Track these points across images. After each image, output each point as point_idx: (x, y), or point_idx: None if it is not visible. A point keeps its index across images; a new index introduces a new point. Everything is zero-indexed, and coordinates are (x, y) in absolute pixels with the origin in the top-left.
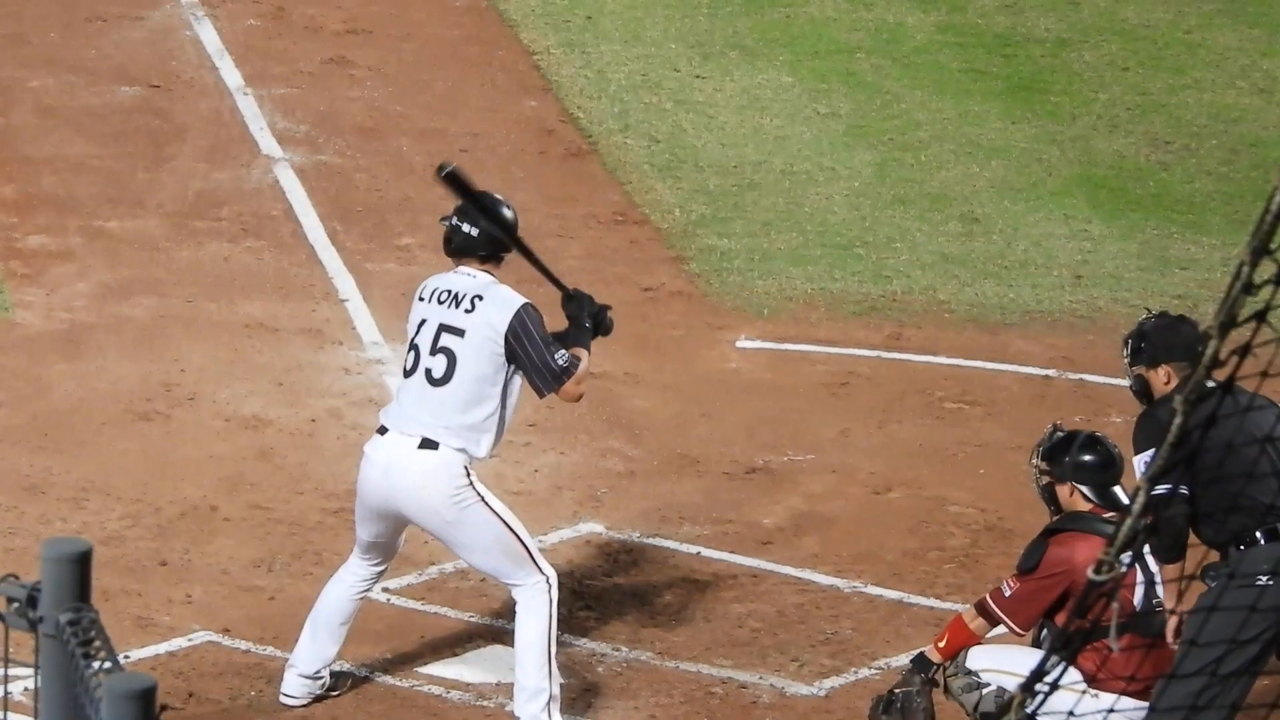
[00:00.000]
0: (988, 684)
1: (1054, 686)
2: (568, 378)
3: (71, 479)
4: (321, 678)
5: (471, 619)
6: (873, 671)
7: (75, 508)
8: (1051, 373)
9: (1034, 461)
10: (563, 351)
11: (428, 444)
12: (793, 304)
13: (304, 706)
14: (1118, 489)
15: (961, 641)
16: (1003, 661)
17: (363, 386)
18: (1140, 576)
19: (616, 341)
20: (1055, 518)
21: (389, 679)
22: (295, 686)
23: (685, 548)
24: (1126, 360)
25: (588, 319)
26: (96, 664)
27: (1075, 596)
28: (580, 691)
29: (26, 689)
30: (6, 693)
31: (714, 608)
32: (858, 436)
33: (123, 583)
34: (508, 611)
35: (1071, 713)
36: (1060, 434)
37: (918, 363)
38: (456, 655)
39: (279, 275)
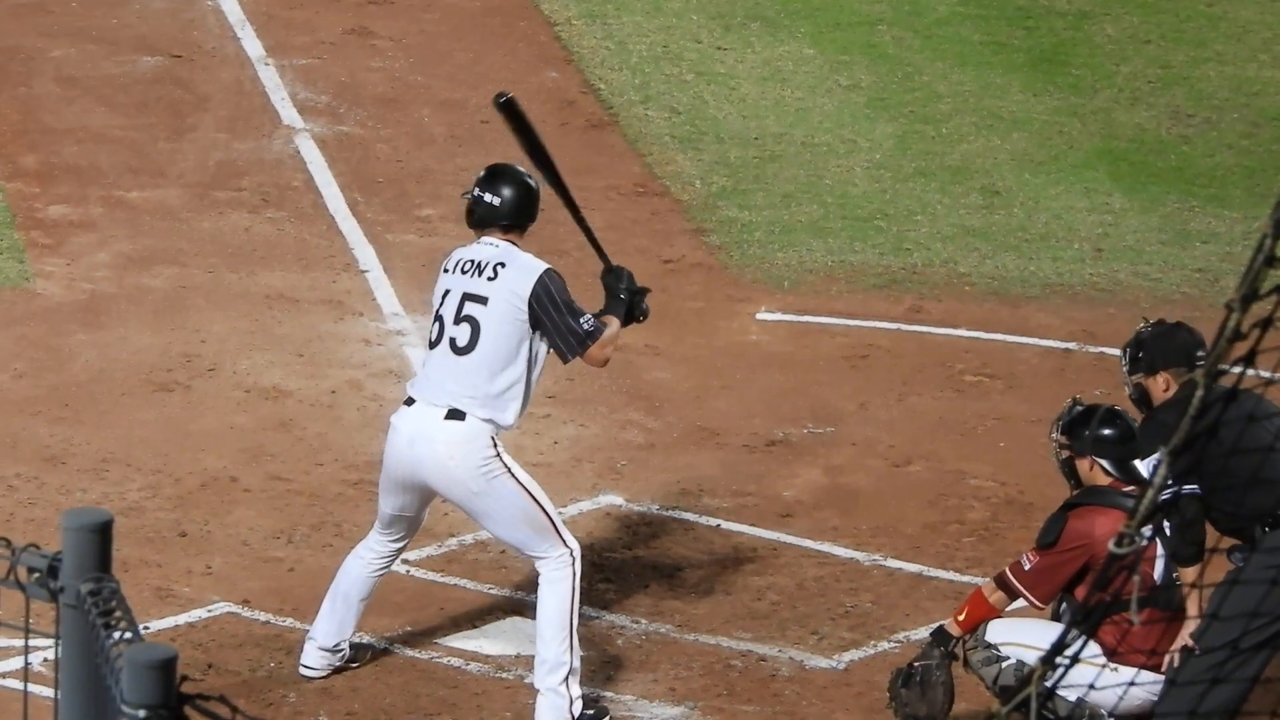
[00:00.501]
0: (1007, 658)
1: (1074, 660)
2: (592, 341)
3: (92, 449)
4: (341, 650)
5: (491, 591)
6: (892, 645)
7: (95, 478)
8: (1072, 346)
9: (1054, 436)
10: (587, 315)
11: (454, 414)
12: (813, 276)
13: (323, 678)
14: (1138, 462)
15: (981, 615)
16: (1023, 635)
17: (383, 358)
18: (1160, 550)
19: None
20: (1075, 492)
21: (408, 651)
22: (315, 658)
23: (705, 520)
24: (1125, 369)
25: (624, 292)
26: (117, 634)
27: (1095, 570)
28: (600, 664)
29: (46, 659)
30: (27, 663)
31: (733, 580)
32: (877, 409)
33: (142, 553)
34: (527, 584)
35: (1092, 685)
36: (1080, 408)
37: (938, 335)
38: (476, 627)
39: (300, 246)
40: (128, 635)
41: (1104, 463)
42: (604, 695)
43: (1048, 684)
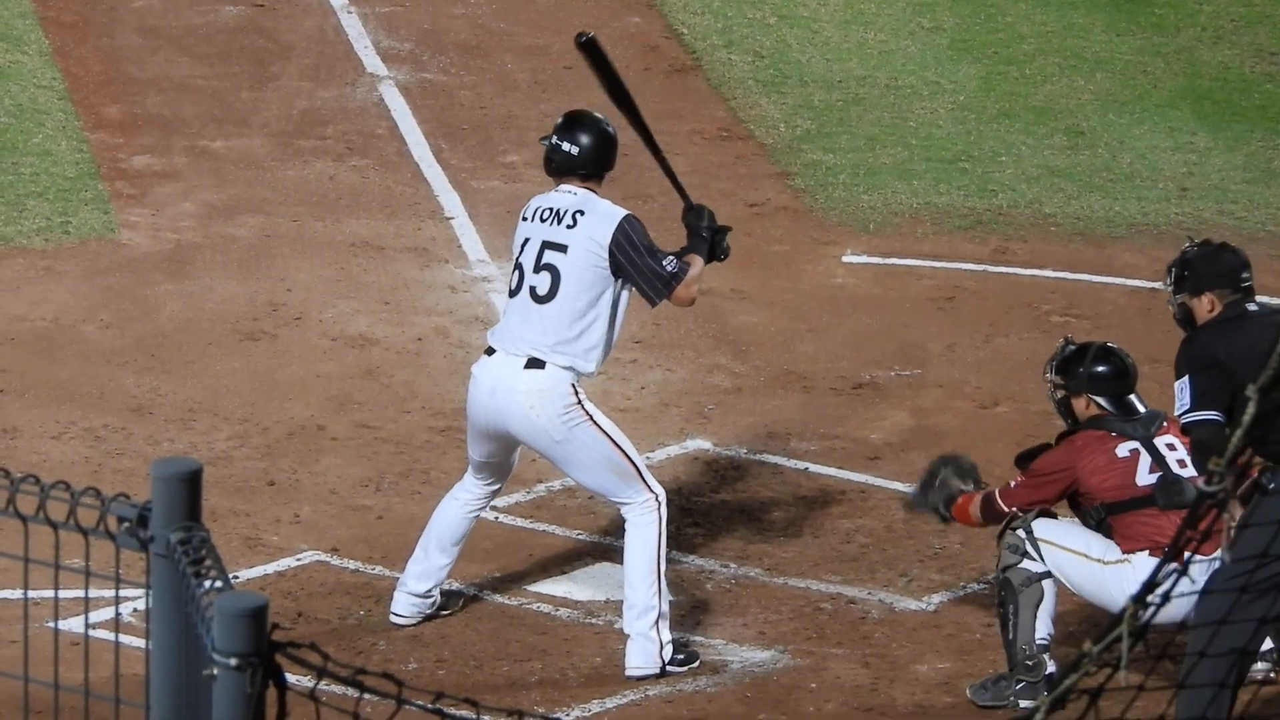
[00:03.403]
0: (1033, 558)
1: (1166, 598)
2: (677, 282)
3: (179, 399)
4: (432, 596)
5: (579, 536)
6: (981, 586)
7: (183, 428)
8: (1158, 285)
9: (1048, 376)
10: (670, 257)
11: (534, 363)
12: (898, 219)
13: (414, 625)
14: (1133, 397)
15: (961, 518)
16: (1065, 538)
17: (469, 304)
18: (1144, 456)
19: None
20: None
21: (497, 597)
22: (405, 605)
23: (792, 464)
24: (1170, 288)
25: (705, 230)
26: (208, 583)
27: (1084, 492)
28: (689, 608)
29: (136, 610)
30: (118, 613)
31: (822, 523)
32: (964, 351)
33: (230, 503)
34: (615, 529)
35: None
36: (1072, 347)
37: (1024, 276)
38: (564, 573)
39: (384, 194)
40: (218, 584)
41: (1099, 400)
42: (693, 639)
43: (1139, 623)
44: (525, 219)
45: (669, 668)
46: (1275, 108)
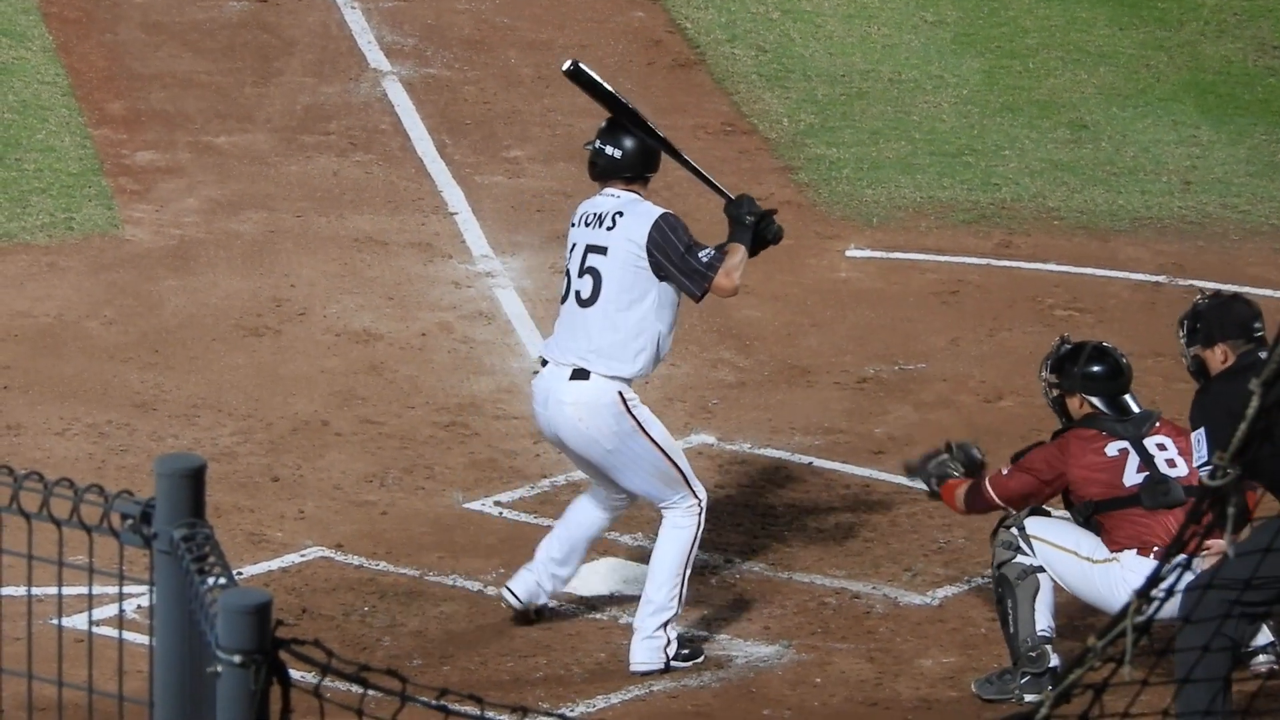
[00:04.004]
0: (1025, 553)
1: (1170, 593)
2: (714, 273)
3: (182, 395)
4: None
5: None
6: (986, 580)
7: (187, 424)
8: (1161, 279)
9: (1043, 374)
10: (708, 249)
11: (580, 374)
12: (902, 213)
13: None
14: (1127, 397)
15: (948, 501)
16: (1056, 535)
17: (473, 300)
18: (1133, 456)
19: None
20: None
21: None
22: (533, 585)
23: (797, 458)
24: (1183, 341)
25: (748, 216)
26: (211, 580)
27: (1075, 490)
28: (694, 603)
29: (140, 606)
30: (121, 610)
31: (826, 518)
32: (968, 345)
33: (235, 499)
34: (621, 524)
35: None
36: (1068, 346)
37: (1027, 270)
38: None
39: (388, 189)
40: (222, 581)
41: (1093, 399)
42: (698, 634)
43: (1140, 619)
44: (573, 225)
45: (673, 663)
46: (1278, 101)
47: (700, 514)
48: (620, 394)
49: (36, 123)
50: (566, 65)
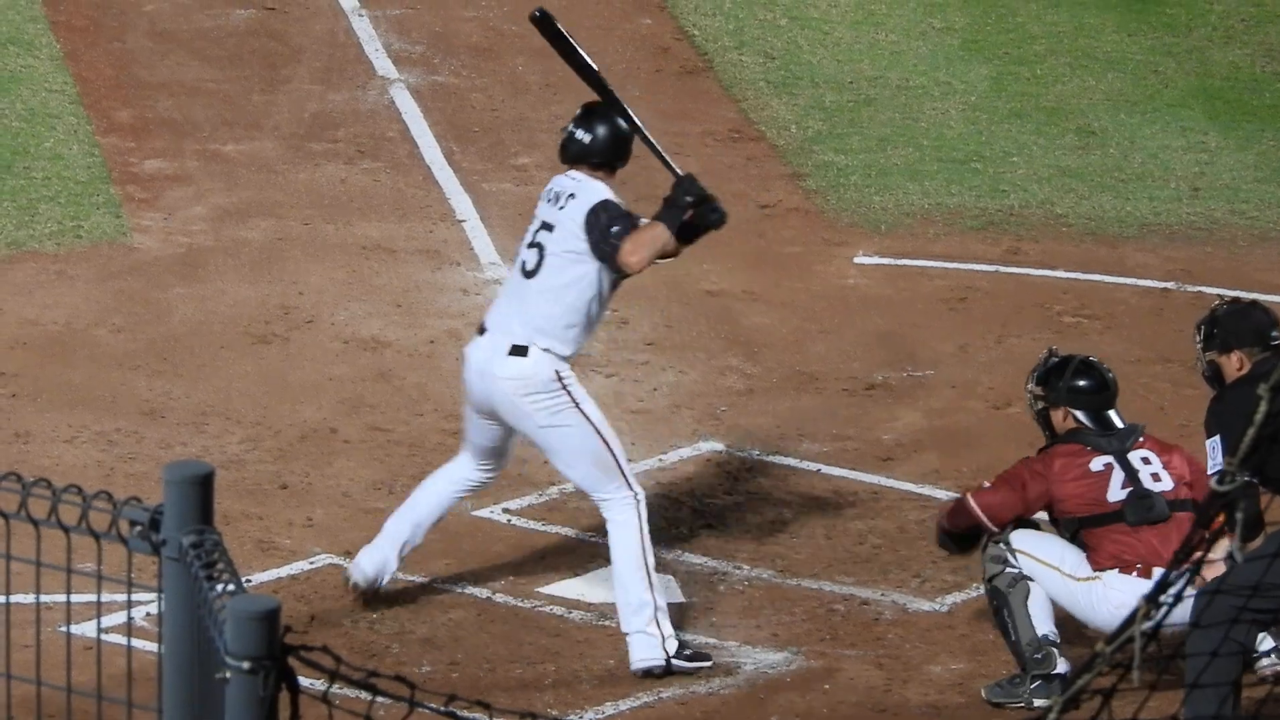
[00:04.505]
0: (1015, 566)
1: (1178, 599)
2: (619, 242)
3: (191, 403)
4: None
5: (592, 538)
6: None
7: (195, 431)
8: (1170, 285)
9: (1029, 388)
10: (623, 225)
11: (518, 350)
12: (910, 219)
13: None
14: (1112, 412)
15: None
16: (1041, 550)
17: (481, 307)
18: (1118, 472)
19: (734, 258)
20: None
21: (510, 599)
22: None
23: (805, 465)
24: (1199, 346)
25: (685, 198)
26: (220, 586)
27: (1058, 504)
28: (702, 610)
29: (149, 614)
30: (130, 617)
31: (835, 524)
32: (977, 351)
33: (243, 506)
34: None
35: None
36: (1055, 359)
37: (1036, 277)
38: (578, 575)
39: (396, 196)
40: (230, 587)
41: (1078, 413)
42: (707, 641)
43: (1147, 626)
44: (539, 200)
45: (675, 662)
46: None
47: (638, 505)
48: (557, 371)
49: (45, 131)
50: (535, 11)
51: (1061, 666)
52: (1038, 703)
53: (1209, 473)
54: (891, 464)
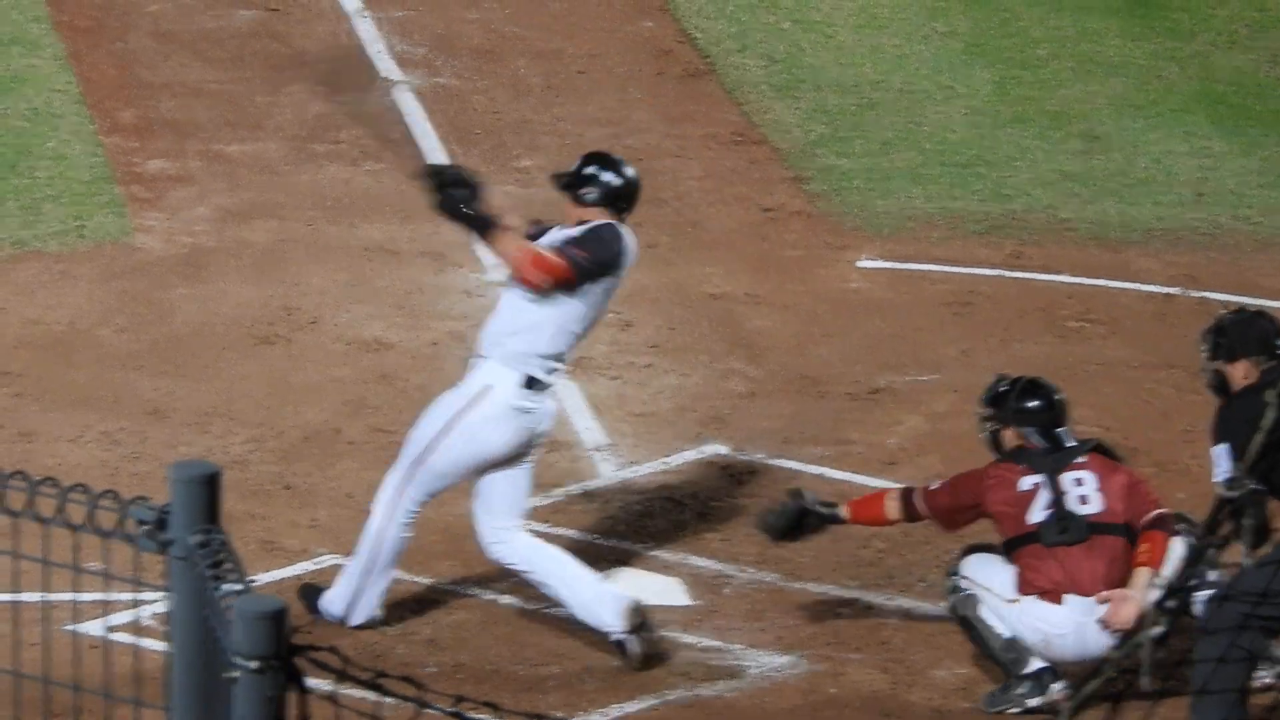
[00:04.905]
0: (965, 590)
1: (1185, 608)
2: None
3: (194, 403)
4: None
5: (596, 541)
6: None
7: (199, 432)
8: (1174, 290)
9: (978, 410)
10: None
11: (480, 359)
12: (913, 223)
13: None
14: (1061, 431)
15: (870, 514)
16: (985, 577)
17: (484, 309)
18: (1045, 491)
19: (737, 261)
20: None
21: (515, 601)
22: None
23: (809, 468)
24: (1205, 355)
25: (462, 207)
26: (227, 586)
27: (997, 520)
28: (706, 613)
29: (156, 613)
30: (137, 615)
31: (839, 528)
32: (980, 355)
33: (247, 506)
34: (632, 533)
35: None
36: (1004, 384)
37: (1039, 281)
38: None
39: (399, 198)
40: (238, 587)
41: (1025, 431)
42: (711, 644)
43: (1155, 633)
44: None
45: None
46: None
47: (399, 512)
48: (490, 387)
49: (48, 131)
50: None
51: (1039, 663)
52: (1030, 702)
53: (1215, 480)
54: (895, 468)
